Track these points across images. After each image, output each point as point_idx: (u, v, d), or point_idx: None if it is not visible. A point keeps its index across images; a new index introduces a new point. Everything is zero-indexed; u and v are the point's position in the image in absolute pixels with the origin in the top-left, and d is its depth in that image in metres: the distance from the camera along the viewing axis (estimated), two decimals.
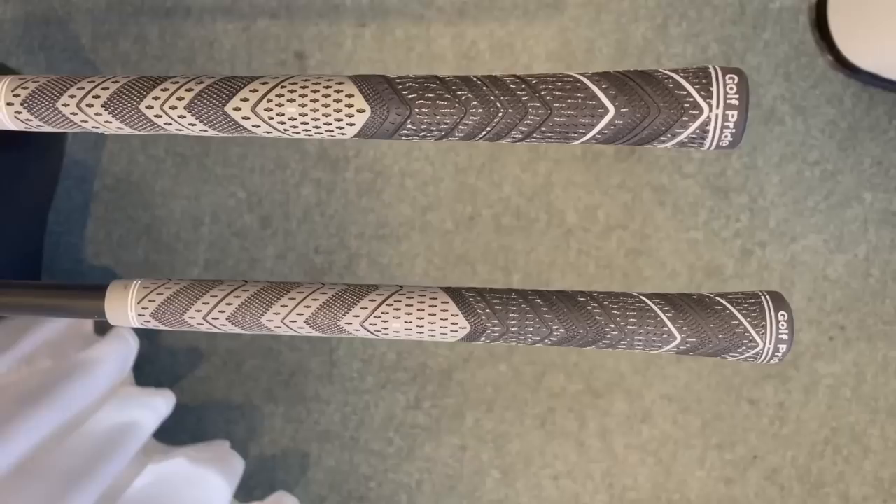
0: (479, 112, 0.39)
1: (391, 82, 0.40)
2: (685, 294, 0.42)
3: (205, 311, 0.44)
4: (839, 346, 1.26)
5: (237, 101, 0.41)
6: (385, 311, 0.43)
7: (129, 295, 0.45)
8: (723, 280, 1.24)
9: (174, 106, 0.41)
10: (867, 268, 1.25)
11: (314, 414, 1.23)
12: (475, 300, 0.43)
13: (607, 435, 1.25)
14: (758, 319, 0.40)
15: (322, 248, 1.21)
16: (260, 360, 1.22)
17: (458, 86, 0.40)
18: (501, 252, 1.21)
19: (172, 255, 1.20)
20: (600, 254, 1.22)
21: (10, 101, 0.43)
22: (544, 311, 0.42)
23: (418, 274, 1.21)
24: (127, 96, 0.42)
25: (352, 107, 0.40)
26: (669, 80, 0.38)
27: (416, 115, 0.40)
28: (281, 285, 0.45)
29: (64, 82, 0.43)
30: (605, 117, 0.39)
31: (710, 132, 0.38)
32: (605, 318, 0.42)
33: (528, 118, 0.39)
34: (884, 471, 1.29)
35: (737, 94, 0.37)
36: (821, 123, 1.23)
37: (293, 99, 0.40)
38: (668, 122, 0.38)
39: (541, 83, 0.39)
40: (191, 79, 0.42)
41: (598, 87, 0.39)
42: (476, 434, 1.24)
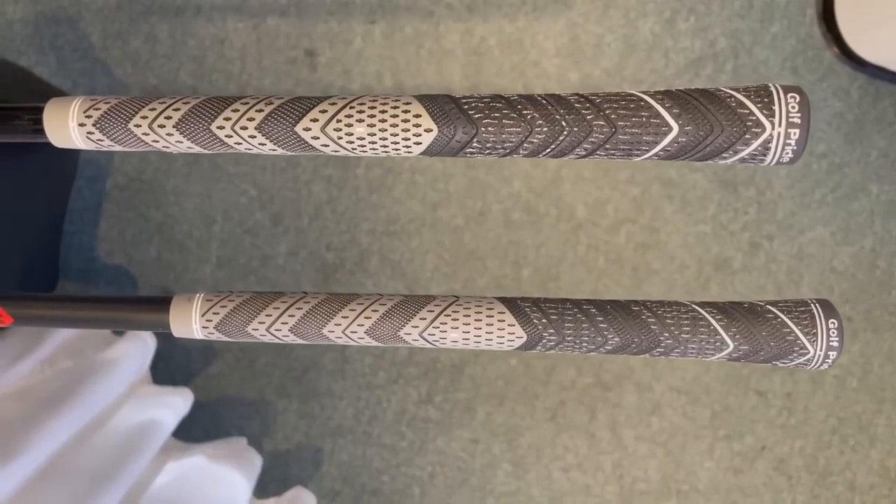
0: (545, 130, 0.40)
1: (457, 102, 0.41)
2: (736, 303, 0.43)
3: (268, 323, 0.45)
4: (846, 337, 1.27)
5: (307, 121, 0.41)
6: (443, 321, 0.44)
7: (193, 308, 0.46)
8: (731, 273, 1.25)
9: (245, 126, 0.42)
10: (874, 259, 1.26)
11: (327, 409, 1.24)
12: (531, 310, 0.43)
13: (617, 427, 1.27)
14: (809, 327, 0.41)
15: (333, 244, 1.21)
16: (273, 356, 1.23)
17: (523, 105, 0.40)
18: (511, 247, 1.22)
19: (185, 253, 1.21)
20: (609, 248, 1.23)
21: (82, 121, 0.43)
22: (599, 321, 0.43)
23: (429, 270, 1.21)
24: (198, 117, 0.42)
25: (419, 126, 0.41)
26: (732, 99, 0.39)
27: (483, 133, 0.40)
28: (340, 297, 0.45)
29: (135, 103, 0.43)
30: (668, 135, 0.39)
31: (772, 149, 0.39)
32: (659, 326, 0.42)
33: (592, 136, 0.40)
34: (890, 459, 1.30)
35: (798, 113, 0.38)
36: (828, 116, 1.24)
37: (362, 119, 0.41)
38: (730, 139, 0.39)
39: (605, 102, 0.40)
40: (260, 99, 0.43)
41: (661, 106, 0.39)
42: (487, 427, 1.25)
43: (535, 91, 1.19)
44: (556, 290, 1.23)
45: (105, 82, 1.18)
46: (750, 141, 0.39)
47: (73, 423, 0.77)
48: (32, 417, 0.71)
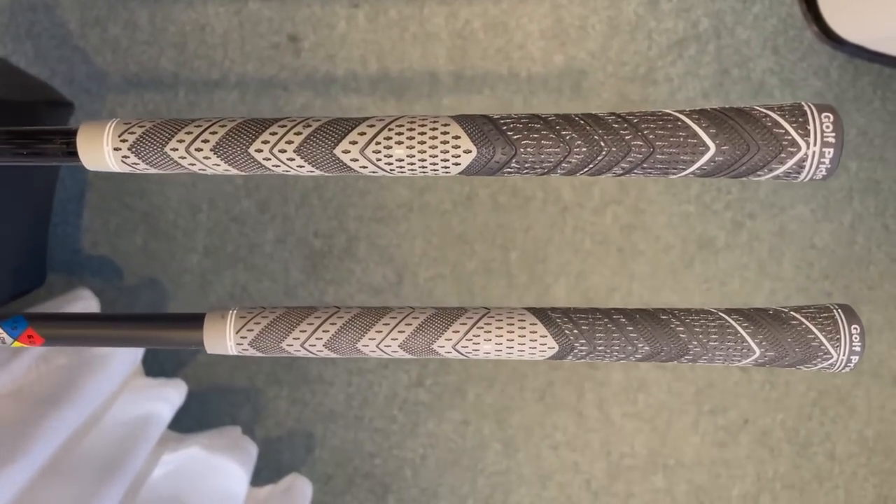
0: (584, 150, 0.41)
1: (496, 122, 0.41)
2: (761, 309, 0.44)
3: (302, 339, 0.45)
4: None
5: (346, 143, 0.42)
6: (476, 333, 0.44)
7: (227, 325, 0.46)
8: (715, 251, 1.27)
9: (284, 149, 0.42)
10: (852, 235, 1.29)
11: (318, 395, 1.25)
12: (562, 321, 0.44)
13: (605, 405, 1.29)
14: (832, 333, 0.42)
15: (321, 231, 1.21)
16: None
17: (561, 125, 0.41)
18: (499, 230, 1.23)
19: (171, 242, 1.20)
20: (596, 230, 1.24)
21: (117, 146, 0.43)
22: (629, 330, 0.43)
23: (417, 255, 1.22)
24: (236, 140, 0.42)
25: (458, 147, 0.41)
26: (767, 119, 0.39)
27: (522, 154, 0.41)
28: (373, 311, 0.46)
29: (171, 127, 0.43)
30: (705, 154, 0.40)
31: (807, 168, 0.40)
32: (687, 335, 0.43)
33: (630, 156, 0.40)
34: (868, 429, 1.34)
35: (833, 133, 0.39)
36: (808, 95, 1.25)
37: (401, 141, 0.41)
38: (766, 158, 0.40)
39: (642, 122, 0.40)
40: (298, 121, 0.43)
41: (698, 126, 0.40)
42: (477, 409, 1.27)
43: (521, 74, 1.20)
44: (543, 272, 1.24)
45: (84, 70, 1.16)
46: (785, 160, 0.39)
47: (71, 420, 0.76)
48: (32, 417, 0.71)
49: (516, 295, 1.24)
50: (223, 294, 1.21)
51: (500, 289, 1.24)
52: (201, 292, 1.21)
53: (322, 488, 1.26)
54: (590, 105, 1.22)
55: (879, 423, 1.34)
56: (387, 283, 1.22)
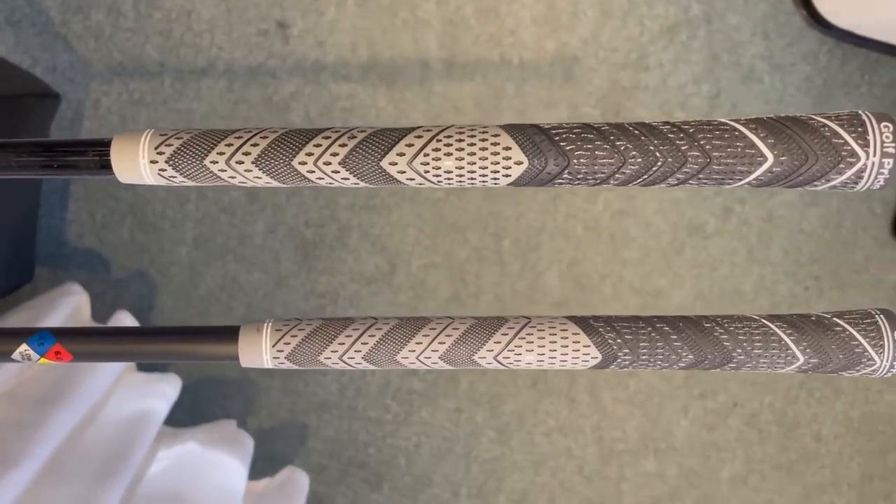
0: (639, 161, 0.39)
1: (547, 133, 0.40)
2: (803, 315, 0.44)
3: (340, 352, 0.44)
4: (813, 295, 1.31)
5: (393, 155, 0.40)
6: (518, 344, 0.44)
7: (262, 339, 0.44)
8: (705, 237, 1.27)
9: (328, 162, 0.41)
10: (840, 220, 1.30)
11: (311, 385, 1.24)
12: (605, 330, 0.43)
13: (596, 390, 1.30)
14: (876, 339, 0.42)
15: (312, 220, 1.20)
16: None
17: (615, 135, 0.40)
18: (491, 218, 1.22)
19: (159, 234, 1.18)
20: (587, 216, 1.24)
21: (154, 158, 0.42)
22: (674, 339, 0.43)
23: (410, 243, 1.21)
24: (279, 153, 0.41)
25: (509, 159, 0.40)
26: (826, 129, 0.39)
27: (574, 165, 0.40)
28: (412, 322, 0.45)
29: (210, 138, 0.42)
30: (763, 165, 0.39)
31: (865, 178, 0.39)
32: (732, 343, 0.43)
33: (686, 166, 0.39)
34: (853, 410, 1.37)
35: (893, 143, 0.38)
36: (797, 80, 1.26)
37: (450, 153, 0.40)
38: (824, 169, 0.39)
39: (699, 132, 0.39)
40: (343, 132, 0.41)
41: (756, 136, 0.39)
42: (471, 396, 1.27)
43: (513, 61, 1.19)
44: (535, 259, 1.24)
45: (67, 59, 1.13)
46: (844, 170, 0.39)
47: (68, 420, 0.75)
48: (30, 419, 0.70)
49: (509, 283, 1.24)
50: (213, 286, 1.20)
51: (492, 276, 1.23)
52: (191, 284, 1.19)
53: (316, 478, 1.26)
54: (581, 91, 1.21)
55: (864, 404, 1.36)
56: (379, 272, 1.22)
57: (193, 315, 1.20)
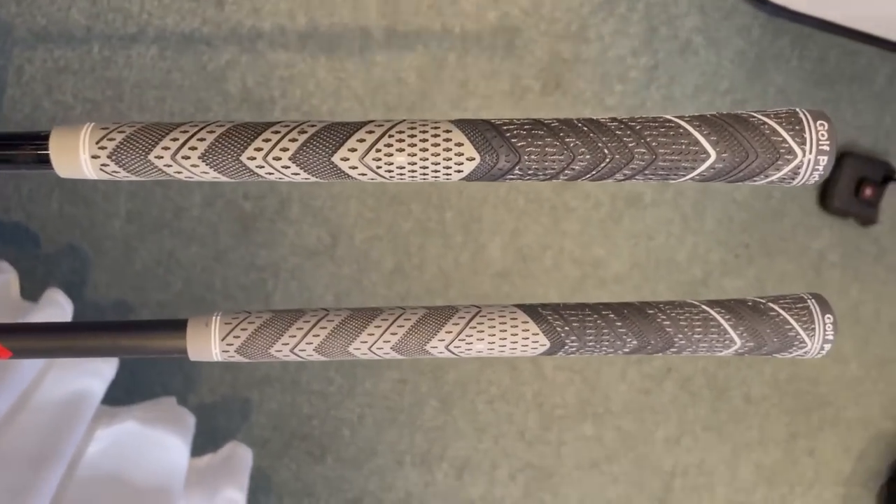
0: (587, 158, 0.41)
1: (499, 129, 0.41)
2: (740, 300, 0.45)
3: (292, 344, 0.44)
4: (743, 262, 1.36)
5: (344, 151, 0.40)
6: (469, 333, 0.44)
7: (211, 333, 0.44)
8: (642, 208, 1.30)
9: (278, 157, 0.40)
10: (770, 190, 1.35)
11: None
12: (553, 318, 0.44)
13: (538, 359, 1.32)
14: (808, 323, 0.44)
15: (252, 193, 1.17)
16: (193, 310, 1.19)
17: (565, 132, 0.40)
18: (434, 190, 1.22)
19: (90, 207, 1.14)
20: (529, 188, 1.25)
21: (95, 153, 0.40)
22: (618, 326, 0.44)
23: (352, 216, 1.20)
24: (227, 147, 0.40)
25: (461, 155, 0.40)
26: (765, 126, 0.40)
27: (525, 161, 0.41)
28: (364, 313, 0.45)
29: (155, 132, 0.40)
30: (706, 161, 0.41)
31: (801, 174, 0.41)
32: (673, 328, 0.44)
33: (633, 163, 0.41)
34: (780, 373, 1.43)
35: (828, 141, 0.40)
36: (731, 54, 1.28)
37: (402, 149, 0.40)
38: (763, 165, 0.41)
39: (645, 129, 0.40)
40: (293, 127, 0.41)
41: (699, 133, 0.40)
42: (415, 367, 1.28)
43: (454, 30, 1.18)
44: (478, 231, 1.24)
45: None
46: (782, 167, 0.41)
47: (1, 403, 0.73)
48: None
49: (452, 254, 1.24)
50: (149, 261, 1.16)
51: (436, 248, 1.24)
52: (125, 259, 1.16)
53: (259, 452, 1.26)
54: (523, 63, 1.21)
55: (791, 366, 1.43)
56: (322, 245, 1.20)
57: (129, 290, 1.17)
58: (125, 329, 0.44)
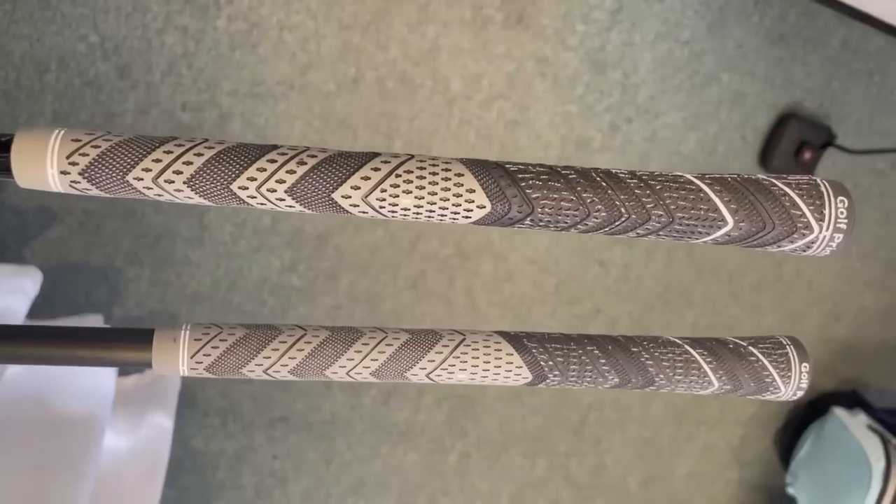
0: (602, 215, 0.39)
1: (513, 177, 0.38)
2: (722, 342, 0.45)
3: (266, 365, 0.41)
4: None
5: (347, 188, 0.37)
6: (452, 363, 0.43)
7: (179, 349, 0.41)
8: (590, 152, 1.29)
9: (273, 189, 0.37)
10: (714, 145, 1.36)
11: (183, 277, 1.19)
12: (537, 351, 0.43)
13: (473, 293, 1.33)
14: (785, 371, 0.44)
15: (190, 104, 1.11)
16: (121, 222, 1.14)
17: (582, 186, 0.38)
18: (384, 118, 1.18)
19: (14, 104, 1.05)
20: (481, 123, 1.22)
21: (65, 169, 0.36)
22: (602, 363, 0.43)
23: (296, 137, 1.15)
24: (217, 174, 0.36)
25: (472, 202, 0.38)
26: (786, 198, 0.39)
27: (538, 213, 0.38)
28: (344, 335, 0.42)
29: (135, 150, 0.36)
30: (723, 229, 0.39)
31: (814, 248, 0.40)
32: (655, 368, 0.44)
33: (649, 223, 0.39)
34: (701, 320, 1.49)
35: (846, 219, 0.39)
36: (695, 4, 1.26)
37: (409, 191, 0.37)
38: (779, 237, 0.39)
39: (665, 189, 0.38)
40: (291, 156, 0.37)
41: (719, 199, 0.39)
42: (350, 294, 1.27)
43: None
44: None
45: None
46: (797, 240, 0.39)
47: None
48: None
49: None
50: None
51: None
52: None
53: None
54: None
55: (711, 315, 1.49)
56: None
57: (52, 196, 1.10)
58: (88, 338, 0.41)
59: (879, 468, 1.40)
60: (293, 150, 0.38)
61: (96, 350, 0.41)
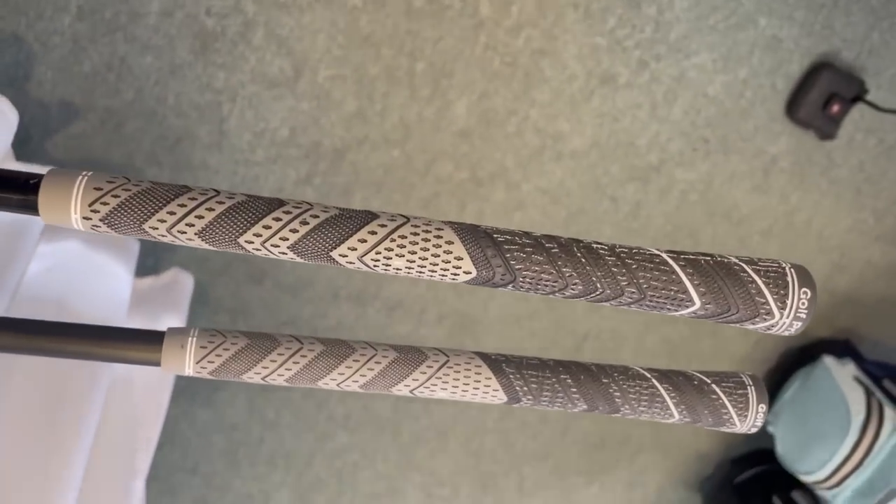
0: (579, 288, 0.42)
1: (500, 248, 0.41)
2: (688, 377, 0.47)
3: (264, 374, 0.45)
4: (699, 156, 1.38)
5: (344, 249, 0.41)
6: (434, 382, 0.46)
7: (186, 355, 0.45)
8: (615, 88, 1.28)
9: (277, 245, 0.41)
10: (742, 90, 1.34)
11: (201, 181, 1.21)
12: (514, 377, 0.46)
13: (483, 219, 1.35)
14: (742, 409, 0.47)
15: (215, 9, 1.10)
16: (143, 122, 1.15)
17: (562, 261, 0.41)
18: (409, 37, 1.17)
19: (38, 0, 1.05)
20: (507, 50, 1.21)
21: (87, 215, 0.39)
22: (573, 392, 0.46)
23: (319, 51, 1.14)
24: (226, 229, 0.40)
25: (459, 268, 0.42)
26: (753, 285, 0.42)
27: (520, 282, 0.42)
28: (338, 349, 0.46)
29: (151, 201, 0.39)
30: (690, 308, 0.43)
31: (773, 331, 0.43)
32: (622, 399, 0.47)
33: (622, 298, 0.42)
34: None
35: (807, 310, 0.42)
36: None
37: (402, 255, 0.41)
38: (742, 318, 0.42)
39: (640, 268, 0.42)
40: (295, 216, 0.41)
41: (690, 282, 0.42)
42: None
43: None
44: (447, 87, 1.21)
45: None
46: (758, 322, 0.43)
47: None
48: None
49: (417, 107, 1.21)
50: (99, 64, 1.10)
51: (401, 98, 1.20)
52: (74, 59, 1.09)
53: (199, 268, 1.28)
54: None
55: None
56: (283, 76, 1.16)
57: (76, 92, 1.11)
58: (103, 336, 0.44)
59: (859, 420, 1.45)
60: (297, 207, 0.41)
61: (112, 348, 0.44)
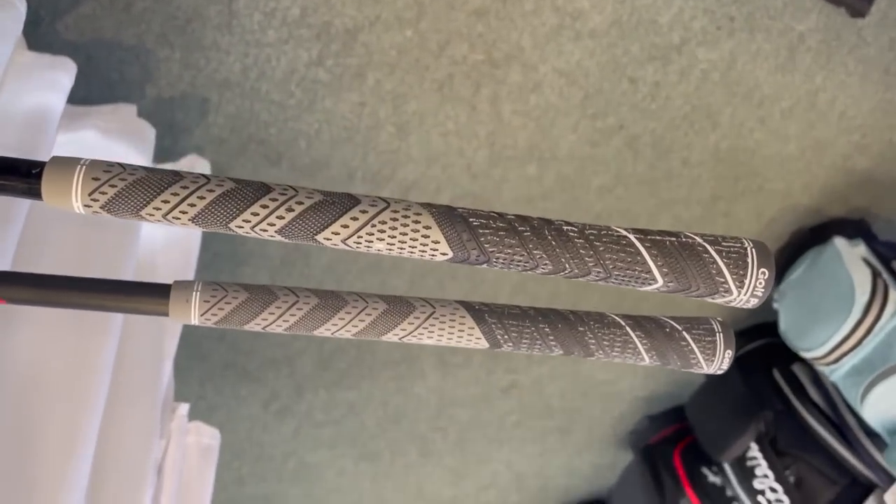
0: (549, 267, 0.46)
1: (474, 231, 0.45)
2: (660, 325, 0.49)
3: (263, 325, 0.48)
4: (724, 35, 1.34)
5: (328, 233, 0.45)
6: (421, 332, 0.49)
7: (191, 308, 0.48)
8: None
9: (265, 229, 0.44)
10: None
11: (213, 63, 1.21)
12: (496, 325, 0.49)
13: (498, 101, 1.34)
14: (710, 354, 0.50)
15: None
16: (151, 2, 1.13)
17: (533, 243, 0.45)
18: None
19: None
20: None
21: (87, 203, 0.43)
22: (550, 339, 0.49)
23: None
24: (218, 214, 0.44)
25: (436, 250, 0.46)
26: (714, 265, 0.45)
27: (493, 262, 0.46)
28: (331, 301, 0.49)
29: (146, 190, 0.43)
30: (652, 285, 0.46)
31: (731, 304, 0.46)
32: (596, 344, 0.50)
33: (589, 276, 0.46)
34: (724, 142, 1.50)
35: (763, 289, 0.45)
36: None
37: (382, 238, 0.45)
38: (702, 294, 0.46)
39: (607, 250, 0.45)
40: (281, 202, 0.44)
41: (654, 263, 0.45)
42: (375, 93, 1.28)
43: None
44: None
45: None
46: (717, 298, 0.46)
47: None
48: None
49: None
50: None
51: None
52: None
53: (216, 149, 1.30)
54: None
55: (736, 138, 1.49)
56: None
57: None
58: (113, 289, 0.47)
59: (863, 301, 1.49)
60: (283, 194, 0.45)
61: (121, 301, 0.47)
